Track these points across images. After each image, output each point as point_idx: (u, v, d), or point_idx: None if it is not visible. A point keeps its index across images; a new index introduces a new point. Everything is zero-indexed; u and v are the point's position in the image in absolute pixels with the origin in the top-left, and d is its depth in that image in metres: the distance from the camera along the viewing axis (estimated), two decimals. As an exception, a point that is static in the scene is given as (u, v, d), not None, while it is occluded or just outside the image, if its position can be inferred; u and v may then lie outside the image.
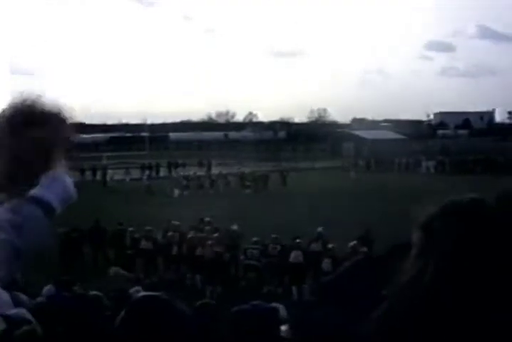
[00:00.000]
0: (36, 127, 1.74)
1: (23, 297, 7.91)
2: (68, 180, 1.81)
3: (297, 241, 19.11)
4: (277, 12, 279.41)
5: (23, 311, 2.55)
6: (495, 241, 1.04)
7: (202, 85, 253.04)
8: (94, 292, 8.49)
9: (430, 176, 56.90)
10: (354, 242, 17.85)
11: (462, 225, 1.07)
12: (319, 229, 20.32)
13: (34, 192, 1.70)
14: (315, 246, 19.13)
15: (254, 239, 20.13)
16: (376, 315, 1.17)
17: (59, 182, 1.76)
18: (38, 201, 1.70)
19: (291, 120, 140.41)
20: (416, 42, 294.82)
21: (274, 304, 6.68)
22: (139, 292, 8.49)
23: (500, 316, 1.00)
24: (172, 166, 63.85)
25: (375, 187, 44.47)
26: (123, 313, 2.43)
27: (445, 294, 1.04)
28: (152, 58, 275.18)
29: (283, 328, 3.19)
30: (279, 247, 19.40)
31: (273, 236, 19.97)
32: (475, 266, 1.03)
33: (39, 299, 8.17)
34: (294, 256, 18.68)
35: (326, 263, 17.42)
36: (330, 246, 18.49)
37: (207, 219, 23.35)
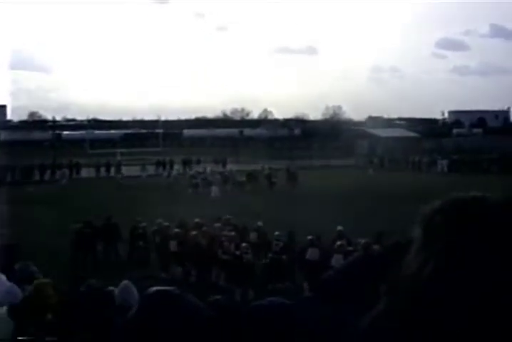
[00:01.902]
0: None
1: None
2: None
3: (309, 237, 19.12)
4: (290, 8, 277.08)
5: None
6: (496, 237, 1.04)
7: (216, 82, 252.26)
8: (110, 287, 8.57)
9: (444, 175, 56.60)
10: (366, 240, 17.76)
11: (463, 221, 1.08)
12: (339, 227, 20.11)
13: None
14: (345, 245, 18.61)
15: (277, 233, 20.19)
16: (375, 311, 1.20)
17: None
18: None
19: (306, 118, 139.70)
20: (428, 40, 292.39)
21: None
22: (127, 286, 8.51)
23: (500, 312, 1.00)
24: (186, 163, 63.85)
25: (389, 186, 44.37)
26: (135, 307, 2.46)
27: (445, 289, 1.04)
28: (166, 55, 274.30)
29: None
30: (281, 244, 19.48)
31: (276, 233, 20.12)
32: (476, 262, 1.03)
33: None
34: (311, 253, 18.74)
35: (337, 260, 17.39)
36: (339, 243, 18.43)
37: (227, 216, 22.94)
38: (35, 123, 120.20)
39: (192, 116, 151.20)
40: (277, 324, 3.29)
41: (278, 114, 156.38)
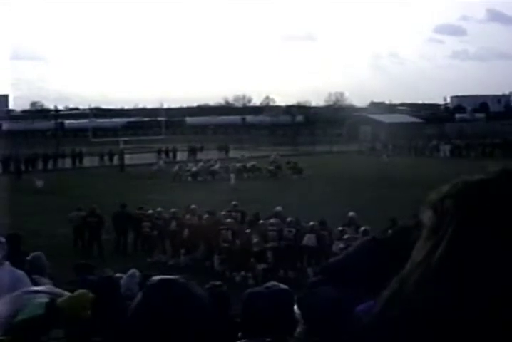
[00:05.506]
0: None
1: (45, 281, 8.01)
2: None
3: (311, 224, 19.10)
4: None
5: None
6: (507, 220, 1.03)
7: (218, 70, 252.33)
8: (118, 274, 8.57)
9: (447, 160, 56.46)
10: (366, 227, 17.78)
11: (473, 204, 1.06)
12: (351, 213, 19.94)
13: None
14: (348, 231, 18.52)
15: (289, 219, 19.94)
16: (382, 296, 1.19)
17: None
18: None
19: (308, 104, 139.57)
20: (425, 26, 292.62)
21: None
22: (134, 275, 8.53)
23: (510, 297, 0.99)
24: (191, 151, 64.08)
25: (409, 171, 44.21)
26: (139, 296, 2.45)
27: (455, 275, 1.03)
28: (168, 42, 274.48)
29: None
30: (294, 231, 19.31)
31: (288, 219, 19.88)
32: (487, 247, 1.02)
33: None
34: (308, 238, 18.74)
35: (337, 246, 17.42)
36: (340, 229, 18.43)
37: (233, 202, 22.97)
38: (37, 113, 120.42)
39: (195, 104, 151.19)
40: (275, 310, 3.30)
41: (280, 101, 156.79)
